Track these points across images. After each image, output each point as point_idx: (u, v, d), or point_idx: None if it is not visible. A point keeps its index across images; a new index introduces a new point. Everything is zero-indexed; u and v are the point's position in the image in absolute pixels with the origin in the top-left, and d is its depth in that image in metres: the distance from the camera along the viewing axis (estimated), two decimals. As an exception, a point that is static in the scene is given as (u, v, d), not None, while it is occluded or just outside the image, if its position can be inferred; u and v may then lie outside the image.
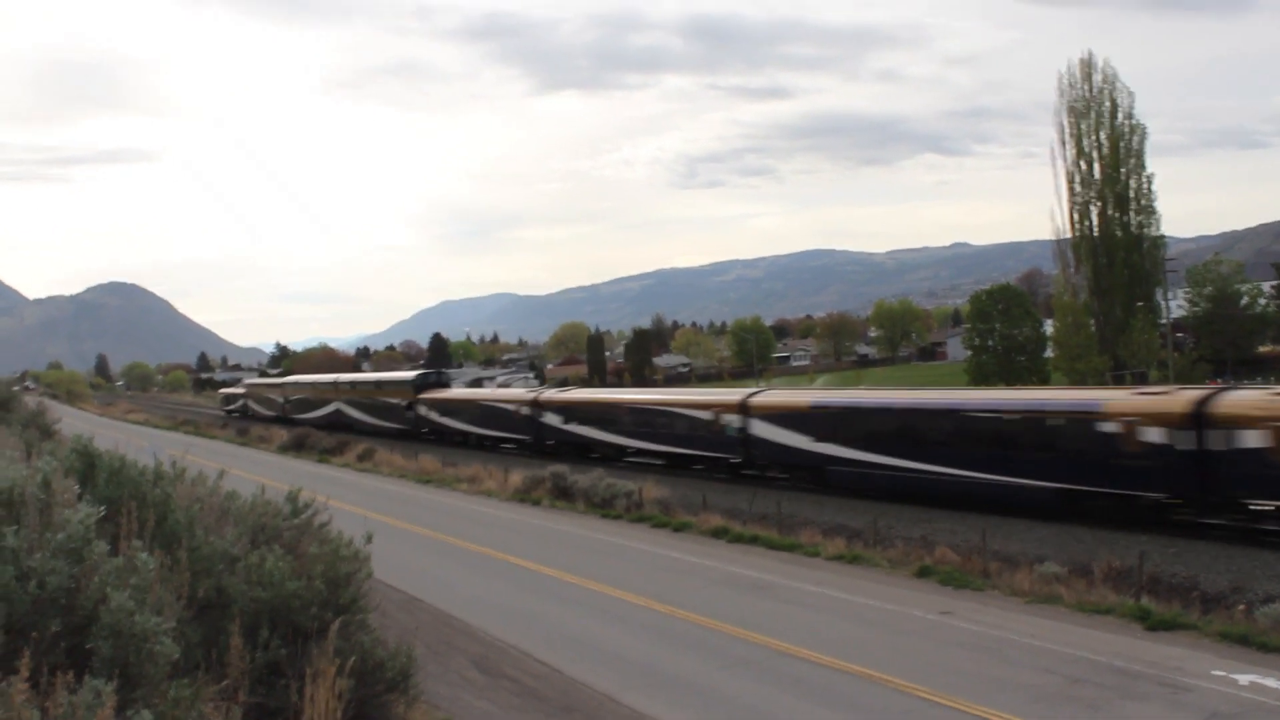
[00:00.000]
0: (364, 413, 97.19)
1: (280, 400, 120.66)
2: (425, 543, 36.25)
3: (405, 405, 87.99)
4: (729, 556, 31.64)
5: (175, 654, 7.58)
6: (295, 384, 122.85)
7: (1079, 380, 76.25)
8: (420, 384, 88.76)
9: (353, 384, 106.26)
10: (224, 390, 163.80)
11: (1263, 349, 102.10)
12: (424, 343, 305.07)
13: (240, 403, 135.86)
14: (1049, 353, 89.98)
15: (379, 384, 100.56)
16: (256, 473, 48.69)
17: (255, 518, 12.14)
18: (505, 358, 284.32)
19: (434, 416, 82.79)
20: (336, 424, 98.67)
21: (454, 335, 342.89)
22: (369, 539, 12.34)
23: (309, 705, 9.61)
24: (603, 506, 41.70)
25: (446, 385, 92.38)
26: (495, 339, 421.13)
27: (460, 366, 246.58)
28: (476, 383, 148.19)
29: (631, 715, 17.52)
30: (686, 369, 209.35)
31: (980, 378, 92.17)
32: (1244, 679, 18.15)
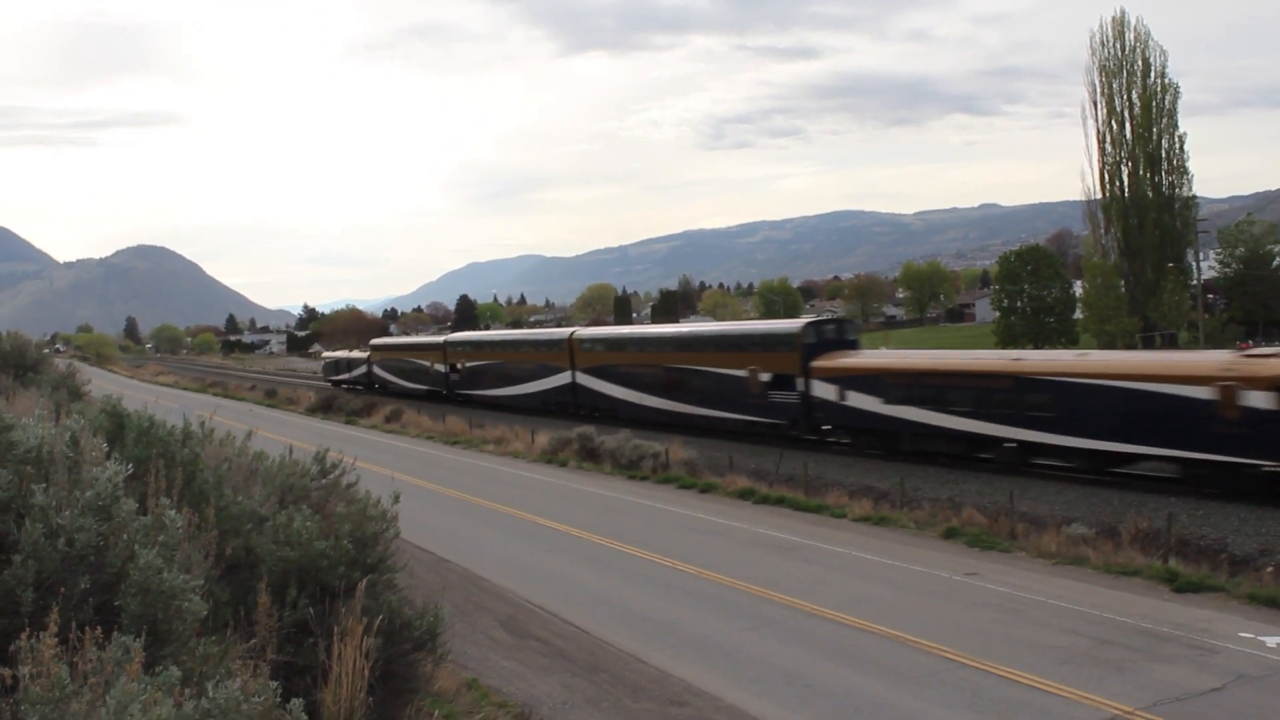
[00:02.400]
0: (654, 391, 58.24)
1: (439, 369, 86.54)
2: (453, 503, 36.38)
3: (768, 383, 49.15)
4: (755, 518, 31.65)
5: (203, 611, 7.62)
6: (469, 344, 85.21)
7: (1107, 342, 75.84)
8: (812, 343, 47.59)
9: (619, 341, 64.74)
10: (329, 355, 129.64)
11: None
12: (451, 304, 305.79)
13: (361, 371, 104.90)
14: (1078, 314, 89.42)
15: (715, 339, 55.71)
16: (284, 434, 48.97)
17: (283, 478, 12.20)
18: (532, 319, 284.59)
19: (834, 398, 45.07)
20: (578, 407, 65.60)
21: (481, 297, 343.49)
22: (396, 499, 12.39)
23: (336, 663, 9.67)
24: (629, 468, 41.74)
25: (853, 345, 49.31)
26: (522, 300, 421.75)
27: (487, 328, 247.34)
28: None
29: (658, 675, 17.58)
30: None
31: (1008, 339, 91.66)
32: (1272, 641, 18.07)
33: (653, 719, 15.66)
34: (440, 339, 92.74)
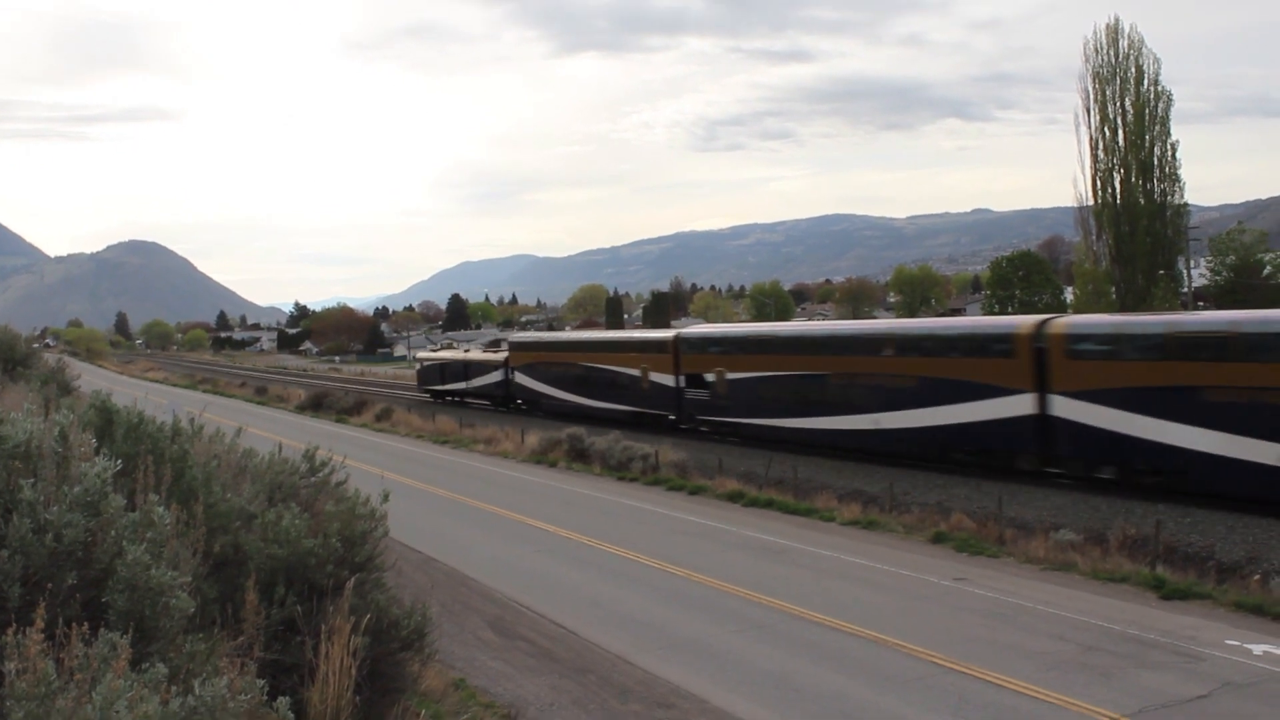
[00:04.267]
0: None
1: (660, 381, 56.44)
2: (442, 503, 36.36)
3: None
4: (744, 520, 31.68)
5: (191, 608, 7.61)
6: (741, 341, 52.98)
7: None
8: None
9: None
10: (431, 356, 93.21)
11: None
12: (443, 303, 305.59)
13: (493, 379, 75.42)
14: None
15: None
16: (274, 431, 48.95)
17: (272, 475, 12.19)
18: (523, 319, 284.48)
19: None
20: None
21: (473, 296, 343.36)
22: (385, 498, 12.38)
23: (324, 662, 9.67)
24: (619, 469, 41.78)
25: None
26: (514, 300, 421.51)
27: (478, 328, 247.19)
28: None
29: (645, 677, 17.58)
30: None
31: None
32: (1258, 649, 18.12)
33: (639, 720, 15.67)
34: (668, 333, 58.95)
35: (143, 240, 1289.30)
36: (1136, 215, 77.63)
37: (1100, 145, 79.28)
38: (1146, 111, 78.11)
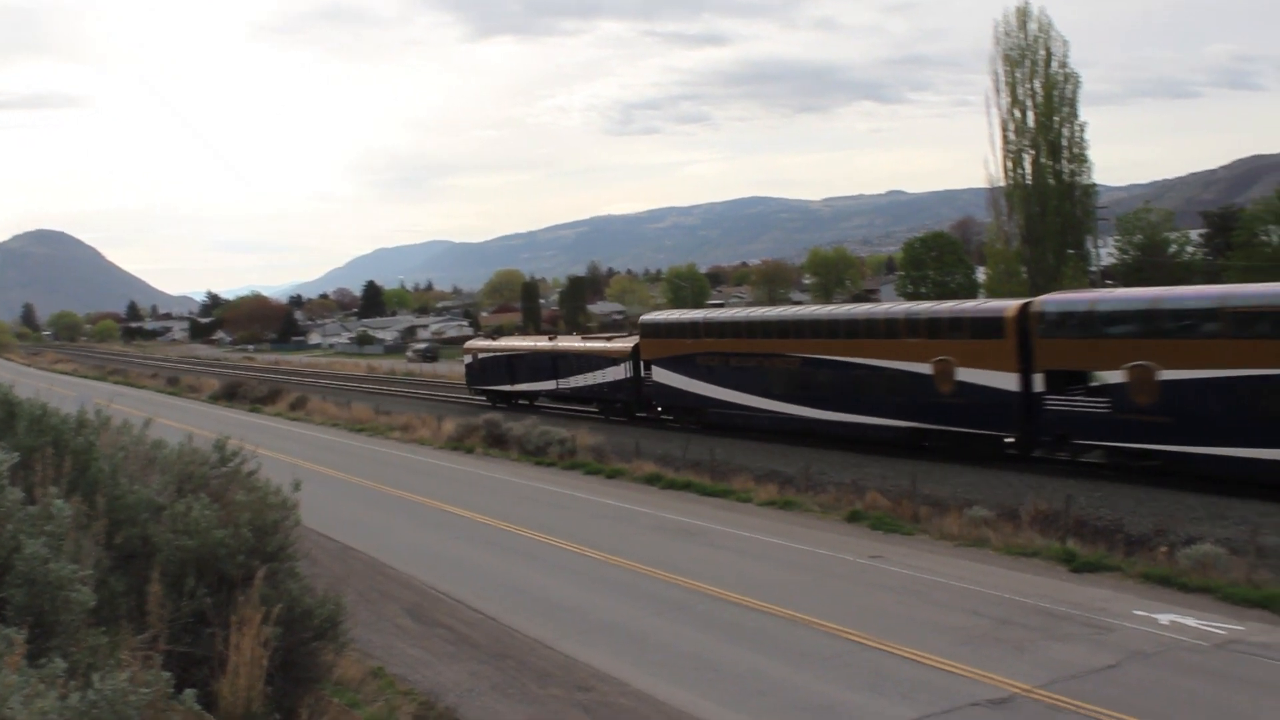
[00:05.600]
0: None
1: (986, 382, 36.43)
2: (358, 491, 36.07)
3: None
4: (662, 503, 31.76)
5: (91, 602, 7.47)
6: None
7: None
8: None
9: None
10: (486, 345, 72.67)
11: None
12: (358, 290, 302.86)
13: (612, 376, 56.25)
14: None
15: None
16: (186, 422, 48.25)
17: (181, 466, 12.00)
18: (439, 305, 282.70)
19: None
20: None
21: (388, 283, 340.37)
22: (297, 487, 12.25)
23: (234, 653, 9.54)
24: (536, 454, 41.69)
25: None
26: (430, 287, 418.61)
27: (394, 314, 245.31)
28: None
29: (565, 660, 17.58)
30: (621, 316, 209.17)
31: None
32: (1164, 618, 18.49)
33: (559, 704, 15.66)
34: (1005, 304, 37.93)
35: (49, 230, 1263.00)
36: (1046, 196, 78.78)
37: (1011, 127, 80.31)
38: (1055, 93, 79.25)
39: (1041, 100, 78.65)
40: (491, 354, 68.61)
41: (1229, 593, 19.70)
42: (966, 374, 36.75)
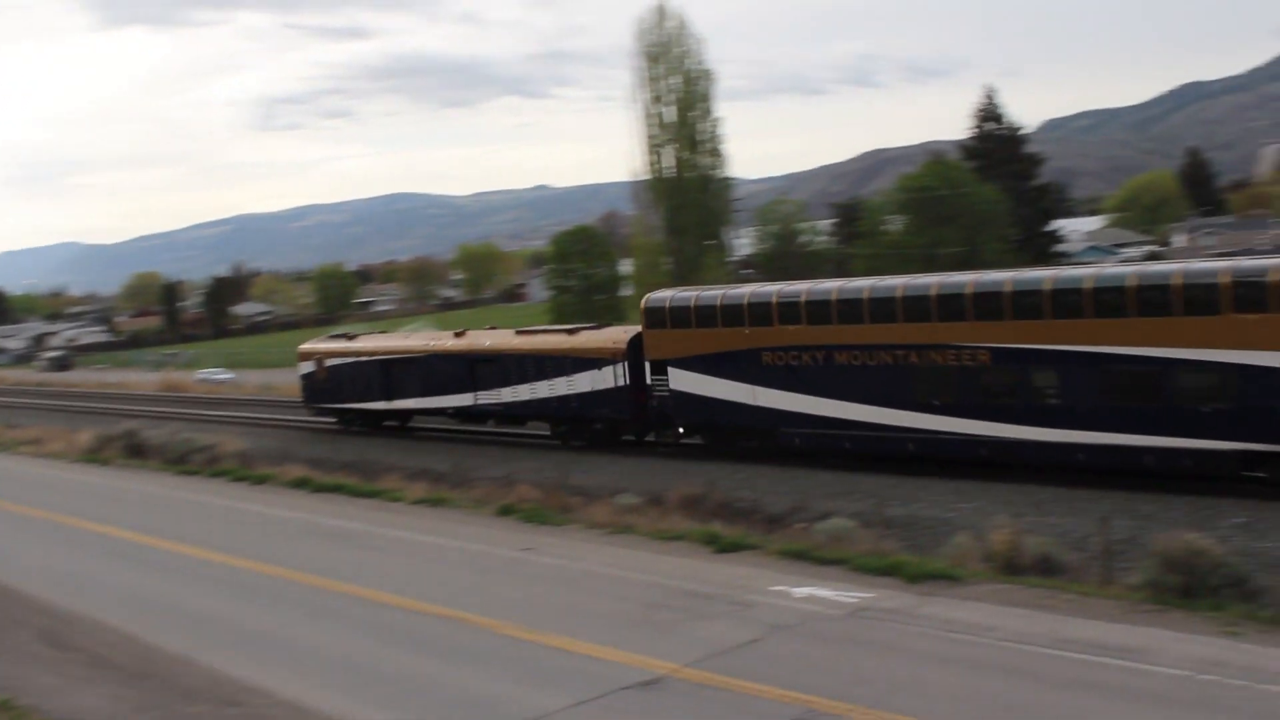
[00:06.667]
0: None
1: None
2: (-20, 511, 33.76)
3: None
4: (312, 507, 31.12)
5: None
6: None
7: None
8: None
9: None
10: (360, 349, 49.61)
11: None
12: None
13: (587, 385, 39.42)
14: (630, 291, 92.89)
15: None
16: None
17: None
18: (72, 310, 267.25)
19: None
20: None
21: (14, 289, 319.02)
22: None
23: None
24: (179, 463, 40.08)
25: None
26: (62, 292, 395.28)
27: (22, 322, 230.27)
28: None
29: (212, 676, 17.01)
30: (267, 317, 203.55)
31: (562, 317, 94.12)
32: (801, 591, 19.38)
33: (205, 722, 15.13)
34: None
35: None
36: (687, 189, 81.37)
37: (651, 122, 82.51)
38: (692, 89, 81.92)
39: (680, 96, 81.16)
40: (350, 360, 49.32)
41: (860, 563, 20.78)
42: None
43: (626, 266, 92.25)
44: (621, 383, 38.13)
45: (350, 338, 51.96)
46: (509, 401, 41.56)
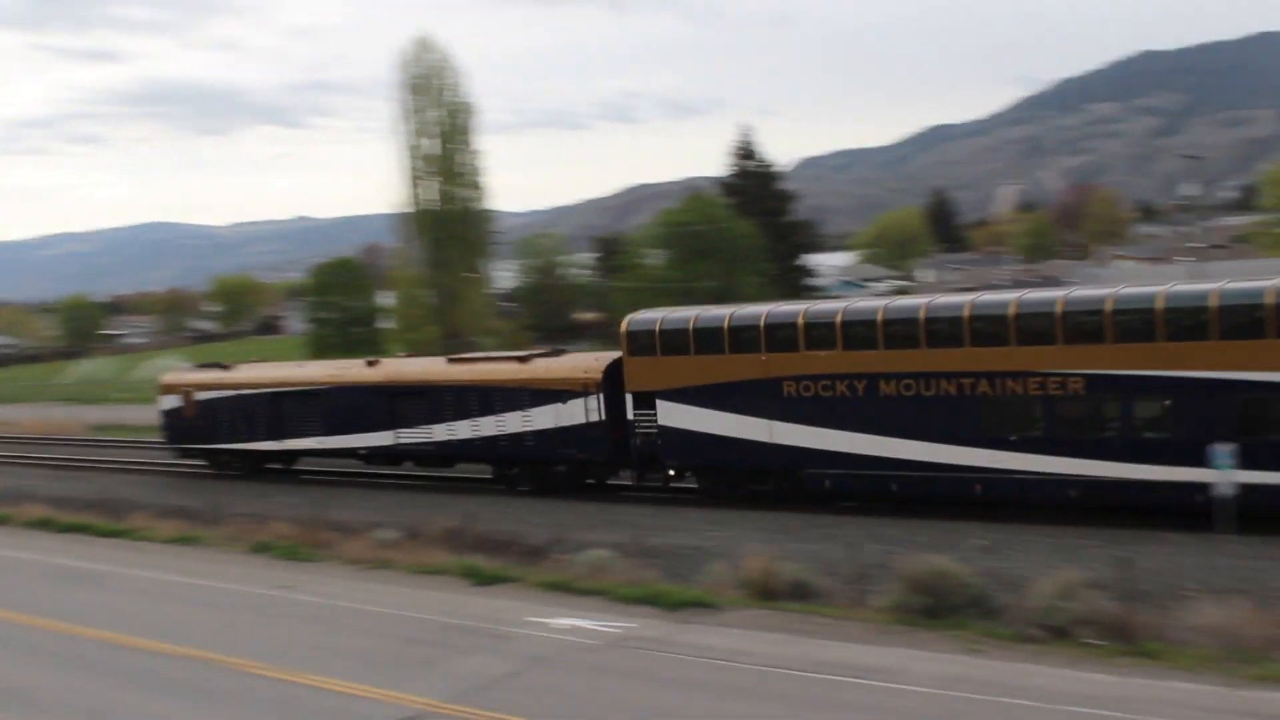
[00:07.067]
0: None
1: None
2: None
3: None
4: (54, 548, 29.84)
5: None
6: None
7: (418, 349, 78.45)
8: None
9: None
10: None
11: (580, 316, 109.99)
12: None
13: (555, 419, 33.82)
14: (389, 324, 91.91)
15: None
16: None
17: None
18: None
19: None
20: None
21: None
22: None
23: None
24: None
25: None
26: None
27: None
28: None
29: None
30: (13, 350, 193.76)
31: (320, 350, 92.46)
32: (561, 623, 19.53)
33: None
34: None
35: None
36: (448, 221, 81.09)
37: (413, 154, 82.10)
38: (453, 122, 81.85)
39: (441, 129, 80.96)
40: (228, 393, 42.47)
41: (619, 593, 21.08)
42: None
43: (387, 299, 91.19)
44: (595, 418, 32.69)
45: (225, 367, 45.47)
46: (442, 441, 35.91)
